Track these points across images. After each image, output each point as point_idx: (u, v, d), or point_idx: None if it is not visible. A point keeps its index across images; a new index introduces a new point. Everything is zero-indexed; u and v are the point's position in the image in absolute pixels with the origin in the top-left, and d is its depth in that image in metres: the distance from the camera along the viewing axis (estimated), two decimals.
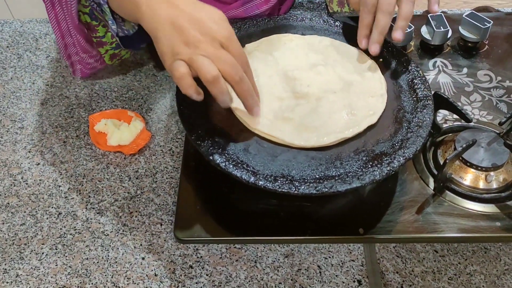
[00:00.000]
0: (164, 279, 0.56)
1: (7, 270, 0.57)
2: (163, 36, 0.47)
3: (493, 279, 0.55)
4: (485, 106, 0.64)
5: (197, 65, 0.46)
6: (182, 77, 0.46)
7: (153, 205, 0.62)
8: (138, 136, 0.67)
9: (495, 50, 0.71)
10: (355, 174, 0.48)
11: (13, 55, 0.82)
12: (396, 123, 0.53)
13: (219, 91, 0.47)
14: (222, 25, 0.48)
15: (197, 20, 0.47)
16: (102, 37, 0.65)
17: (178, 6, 0.48)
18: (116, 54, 0.70)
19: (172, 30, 0.47)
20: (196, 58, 0.46)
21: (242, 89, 0.48)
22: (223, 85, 0.47)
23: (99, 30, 0.64)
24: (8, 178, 0.65)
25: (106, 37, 0.65)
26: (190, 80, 0.46)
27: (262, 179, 0.47)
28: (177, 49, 0.46)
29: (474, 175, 0.54)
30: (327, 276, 0.56)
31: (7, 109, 0.74)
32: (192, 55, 0.46)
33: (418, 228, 0.52)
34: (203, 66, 0.45)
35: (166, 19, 0.47)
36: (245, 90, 0.48)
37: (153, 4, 0.49)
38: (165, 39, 0.47)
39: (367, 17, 0.57)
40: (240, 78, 0.47)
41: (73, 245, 0.58)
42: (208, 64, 0.46)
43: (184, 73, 0.46)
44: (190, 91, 0.47)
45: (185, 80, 0.46)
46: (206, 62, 0.46)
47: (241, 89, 0.48)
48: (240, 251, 0.58)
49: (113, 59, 0.71)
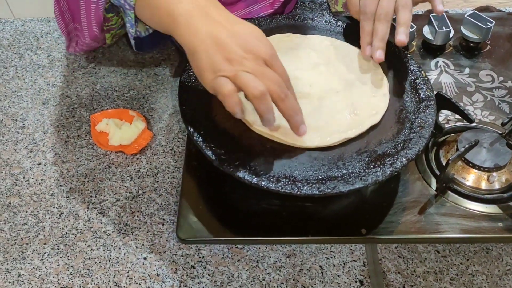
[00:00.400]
0: (166, 279, 0.56)
1: (9, 270, 0.57)
2: (203, 52, 0.46)
3: (495, 280, 0.55)
4: (487, 107, 0.64)
5: (243, 81, 0.44)
6: (230, 94, 0.45)
7: (155, 205, 0.62)
8: (140, 136, 0.67)
9: (497, 50, 0.71)
10: (357, 174, 0.48)
11: (14, 54, 0.82)
12: (399, 124, 0.53)
13: (266, 107, 0.46)
14: (264, 42, 0.47)
15: (239, 36, 0.46)
16: (113, 25, 0.64)
17: (217, 21, 0.47)
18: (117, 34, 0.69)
19: (214, 46, 0.46)
20: (241, 75, 0.44)
21: (287, 107, 0.47)
22: (270, 102, 0.46)
23: (113, 20, 0.63)
24: (10, 177, 0.65)
25: (116, 23, 0.64)
26: (237, 98, 0.45)
27: (265, 180, 0.47)
28: (219, 65, 0.45)
29: (476, 176, 0.54)
30: (329, 276, 0.56)
31: (8, 109, 0.74)
32: (237, 71, 0.45)
33: (420, 229, 0.52)
34: (250, 82, 0.44)
35: (206, 34, 0.46)
36: (290, 108, 0.47)
37: (192, 17, 0.47)
38: (205, 55, 0.46)
39: (368, 25, 0.58)
40: (285, 96, 0.46)
41: (75, 245, 0.58)
42: (254, 80, 0.44)
43: (232, 91, 0.45)
44: (237, 109, 0.46)
45: (233, 97, 0.45)
46: (252, 78, 0.44)
47: (286, 107, 0.47)
48: (242, 251, 0.58)
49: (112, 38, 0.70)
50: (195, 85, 0.56)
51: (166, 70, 0.78)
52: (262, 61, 0.46)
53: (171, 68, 0.78)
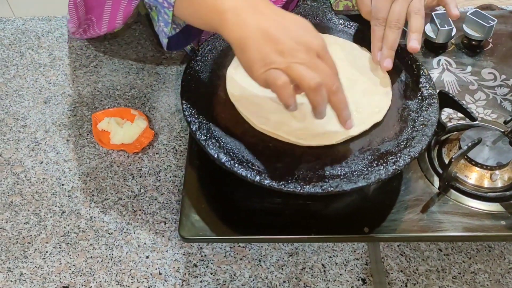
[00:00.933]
0: (169, 277, 0.56)
1: (11, 269, 0.57)
2: (253, 45, 0.45)
3: (498, 278, 0.55)
4: (490, 105, 0.63)
5: (298, 72, 0.44)
6: (285, 86, 0.44)
7: (156, 203, 0.61)
8: (142, 135, 0.67)
9: (500, 48, 0.71)
10: (360, 173, 0.48)
11: (15, 53, 0.81)
12: (401, 122, 0.53)
13: (321, 99, 0.45)
14: (315, 34, 0.47)
15: (289, 29, 0.46)
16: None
17: (265, 14, 0.47)
18: None
19: (264, 39, 0.45)
20: (294, 67, 0.44)
21: (338, 100, 0.47)
22: (325, 94, 0.45)
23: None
24: (12, 176, 0.65)
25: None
26: (291, 90, 0.45)
27: (268, 178, 0.47)
28: (270, 58, 0.45)
29: (479, 174, 0.54)
30: (331, 275, 0.56)
31: (10, 108, 0.73)
32: (289, 63, 0.44)
33: (423, 227, 0.51)
34: (306, 73, 0.44)
35: (256, 27, 0.46)
36: (341, 101, 0.47)
37: (239, 12, 0.47)
38: (255, 48, 0.45)
39: (379, 31, 0.58)
40: (337, 88, 0.46)
41: (77, 244, 0.58)
42: (309, 71, 0.44)
43: (286, 82, 0.44)
44: (291, 101, 0.45)
45: (287, 89, 0.45)
46: (307, 70, 0.44)
47: (338, 100, 0.47)
48: (245, 250, 0.58)
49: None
50: (197, 84, 0.56)
51: (167, 69, 0.78)
52: (314, 53, 0.46)
53: (172, 67, 0.78)
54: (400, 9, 0.56)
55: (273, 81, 0.45)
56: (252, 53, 0.45)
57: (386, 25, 0.57)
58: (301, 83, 0.44)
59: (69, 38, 0.83)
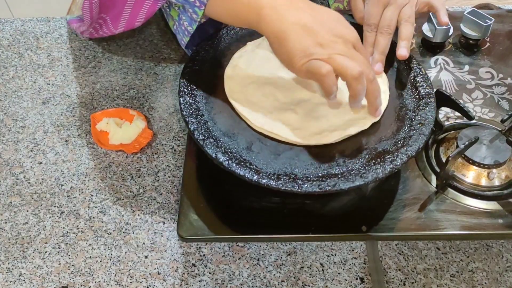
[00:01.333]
0: (167, 277, 0.56)
1: (11, 269, 0.57)
2: (293, 38, 0.48)
3: (495, 276, 0.55)
4: (487, 104, 0.64)
5: (340, 62, 0.47)
6: (329, 74, 0.47)
7: (155, 203, 0.62)
8: (140, 135, 0.67)
9: (497, 48, 0.71)
10: (358, 172, 0.48)
11: (14, 54, 0.82)
12: (399, 121, 0.53)
13: (362, 87, 0.48)
14: (349, 27, 0.50)
15: (325, 22, 0.49)
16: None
17: (301, 8, 0.49)
18: None
19: (303, 32, 0.47)
20: (335, 57, 0.47)
21: (374, 88, 0.50)
22: (365, 82, 0.48)
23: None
24: (11, 177, 0.65)
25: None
26: (334, 78, 0.47)
27: (265, 178, 0.47)
28: (311, 49, 0.47)
29: (476, 173, 0.55)
30: (329, 274, 0.56)
31: (9, 108, 0.74)
32: (330, 55, 0.47)
33: (421, 226, 0.52)
34: (348, 63, 0.47)
35: (294, 21, 0.48)
36: (377, 89, 0.50)
37: (276, 7, 0.49)
38: (296, 40, 0.47)
39: (370, 37, 0.60)
40: (373, 77, 0.49)
41: (76, 244, 0.59)
42: (350, 61, 0.47)
43: (330, 71, 0.47)
44: (334, 88, 0.48)
45: (331, 77, 0.47)
46: (348, 60, 0.47)
47: (374, 88, 0.50)
48: (243, 249, 0.58)
49: None
50: (195, 84, 0.56)
51: (166, 69, 0.78)
52: (350, 45, 0.49)
53: (171, 67, 0.78)
54: (391, 15, 0.58)
55: (317, 70, 0.47)
56: (292, 45, 0.48)
57: (377, 30, 0.59)
58: (344, 72, 0.47)
59: (68, 39, 0.83)
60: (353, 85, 0.47)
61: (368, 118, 0.52)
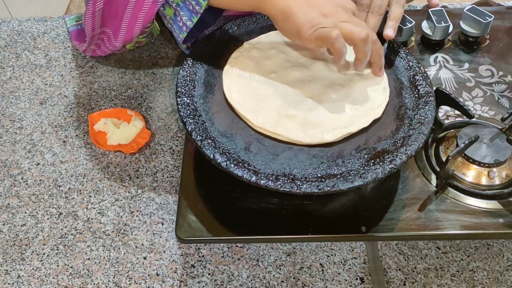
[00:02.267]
0: (166, 278, 0.55)
1: (9, 271, 0.56)
2: (299, 12, 0.52)
3: (496, 276, 0.55)
4: (487, 102, 0.63)
5: (346, 28, 0.51)
6: (338, 37, 0.50)
7: (154, 204, 0.61)
8: (138, 135, 0.67)
9: (497, 45, 0.71)
10: (357, 172, 0.47)
11: (11, 54, 0.81)
12: (398, 120, 0.53)
13: (369, 49, 0.52)
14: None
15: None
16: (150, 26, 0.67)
17: None
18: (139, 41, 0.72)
19: (307, 5, 0.52)
20: (341, 24, 0.51)
21: (378, 48, 0.54)
22: (370, 44, 0.52)
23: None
24: (8, 178, 0.65)
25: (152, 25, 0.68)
26: (343, 40, 0.51)
27: (264, 178, 0.47)
28: (318, 20, 0.51)
29: (476, 172, 0.54)
30: (329, 274, 0.56)
31: (6, 109, 0.73)
32: (335, 23, 0.51)
33: (421, 226, 0.51)
34: (353, 28, 0.51)
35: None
36: (380, 48, 0.55)
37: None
38: (302, 13, 0.52)
39: (361, 16, 0.62)
40: (376, 38, 0.54)
41: (74, 246, 0.58)
42: (355, 26, 0.51)
43: (339, 34, 0.51)
44: (344, 50, 0.52)
45: (341, 39, 0.51)
46: (352, 25, 0.51)
47: (378, 47, 0.54)
48: (242, 250, 0.58)
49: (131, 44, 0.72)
50: (192, 84, 0.56)
51: (164, 69, 0.77)
52: (351, 12, 0.54)
53: (168, 67, 0.78)
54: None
55: (327, 35, 0.51)
56: (299, 18, 0.52)
57: (369, 10, 0.61)
58: (352, 36, 0.51)
59: (65, 39, 0.83)
60: (361, 47, 0.52)
61: (369, 115, 0.52)
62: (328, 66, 0.57)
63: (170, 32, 0.78)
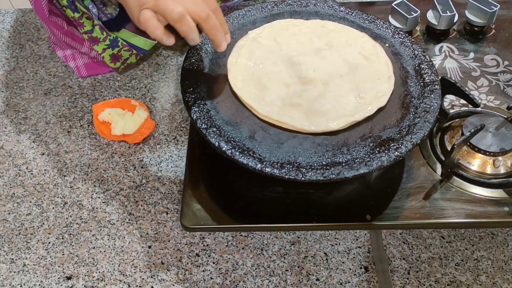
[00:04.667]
0: (171, 267, 0.56)
1: (14, 259, 0.57)
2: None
3: (501, 265, 0.55)
4: (493, 91, 0.63)
5: (162, 7, 0.47)
6: (147, 20, 0.47)
7: (158, 194, 0.61)
8: (142, 125, 0.67)
9: (502, 34, 0.70)
10: (362, 160, 0.47)
11: (15, 45, 0.81)
12: (403, 109, 0.52)
13: (187, 27, 0.48)
14: None
15: None
16: (91, 32, 0.66)
17: None
18: (117, 56, 0.70)
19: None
20: (159, 2, 0.47)
21: (209, 26, 0.50)
22: (190, 22, 0.48)
23: (85, 24, 0.65)
24: (13, 168, 0.65)
25: (95, 31, 0.65)
26: (155, 22, 0.48)
27: (269, 166, 0.46)
28: (142, 0, 0.48)
29: (482, 160, 0.54)
30: (333, 263, 0.56)
31: (10, 100, 0.73)
32: (157, 1, 0.47)
33: (425, 214, 0.51)
34: (167, 6, 0.47)
35: None
36: (212, 26, 0.50)
37: None
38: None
39: None
40: (206, 15, 0.49)
41: (79, 235, 0.58)
42: (171, 3, 0.47)
43: (149, 17, 0.48)
44: (157, 32, 0.48)
45: (151, 22, 0.48)
46: (169, 2, 0.47)
47: (209, 26, 0.50)
48: (246, 239, 0.58)
49: (116, 61, 0.71)
50: (197, 73, 0.56)
51: (167, 60, 0.77)
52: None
53: (172, 58, 0.77)
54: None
55: (141, 18, 0.48)
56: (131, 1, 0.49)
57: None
58: (165, 16, 0.47)
59: None
60: (178, 27, 0.48)
61: (374, 104, 0.52)
62: (332, 56, 0.57)
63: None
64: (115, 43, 0.67)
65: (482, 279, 0.54)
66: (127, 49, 0.69)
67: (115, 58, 0.70)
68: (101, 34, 0.66)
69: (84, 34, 0.65)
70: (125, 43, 0.68)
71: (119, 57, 0.70)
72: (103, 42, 0.67)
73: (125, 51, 0.69)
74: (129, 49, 0.69)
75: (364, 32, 0.60)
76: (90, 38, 0.66)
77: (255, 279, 0.54)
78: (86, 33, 0.65)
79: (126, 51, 0.69)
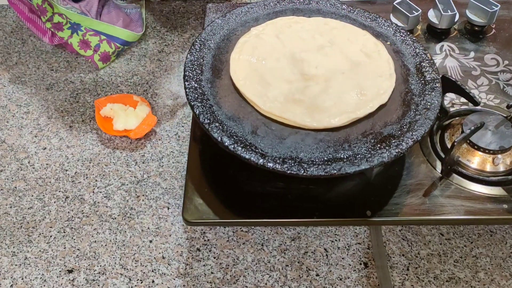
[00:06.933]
0: (172, 261, 0.56)
1: (16, 253, 0.57)
2: None
3: (499, 262, 0.56)
4: (492, 90, 0.63)
5: None
6: None
7: (160, 189, 0.62)
8: (144, 121, 0.67)
9: (502, 34, 0.71)
10: (363, 156, 0.48)
11: (17, 40, 0.81)
12: (404, 106, 0.53)
13: None
14: None
15: None
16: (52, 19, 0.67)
17: None
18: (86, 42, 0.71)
19: None
20: None
21: None
22: None
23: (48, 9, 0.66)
24: (15, 162, 0.65)
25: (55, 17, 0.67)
26: None
27: (271, 161, 0.47)
28: None
29: (481, 158, 0.54)
30: (333, 259, 0.56)
31: (13, 94, 0.73)
32: None
33: (425, 211, 0.52)
34: None
35: None
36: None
37: None
38: None
39: None
40: None
41: (81, 229, 0.59)
42: None
43: None
44: None
45: None
46: None
47: None
48: (247, 234, 0.58)
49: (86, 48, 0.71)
50: (200, 69, 0.56)
51: (169, 56, 0.77)
52: None
53: (174, 54, 0.78)
54: None
55: None
56: None
57: None
58: None
59: None
60: None
61: (375, 101, 0.52)
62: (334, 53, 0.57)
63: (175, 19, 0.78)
64: (76, 26, 0.67)
65: (481, 275, 0.54)
66: (93, 33, 0.69)
67: (84, 44, 0.70)
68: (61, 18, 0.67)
69: (48, 22, 0.66)
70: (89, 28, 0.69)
71: (88, 43, 0.71)
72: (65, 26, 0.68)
73: (91, 35, 0.70)
74: (95, 34, 0.70)
75: (365, 30, 0.61)
76: (53, 25, 0.67)
77: (256, 274, 0.55)
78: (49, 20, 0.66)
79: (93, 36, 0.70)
